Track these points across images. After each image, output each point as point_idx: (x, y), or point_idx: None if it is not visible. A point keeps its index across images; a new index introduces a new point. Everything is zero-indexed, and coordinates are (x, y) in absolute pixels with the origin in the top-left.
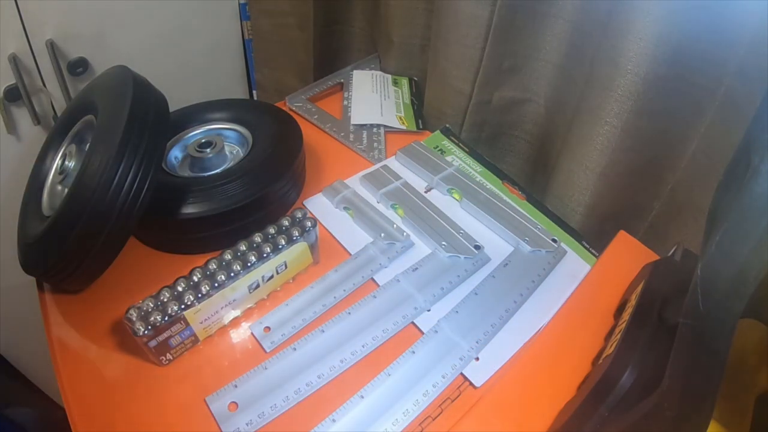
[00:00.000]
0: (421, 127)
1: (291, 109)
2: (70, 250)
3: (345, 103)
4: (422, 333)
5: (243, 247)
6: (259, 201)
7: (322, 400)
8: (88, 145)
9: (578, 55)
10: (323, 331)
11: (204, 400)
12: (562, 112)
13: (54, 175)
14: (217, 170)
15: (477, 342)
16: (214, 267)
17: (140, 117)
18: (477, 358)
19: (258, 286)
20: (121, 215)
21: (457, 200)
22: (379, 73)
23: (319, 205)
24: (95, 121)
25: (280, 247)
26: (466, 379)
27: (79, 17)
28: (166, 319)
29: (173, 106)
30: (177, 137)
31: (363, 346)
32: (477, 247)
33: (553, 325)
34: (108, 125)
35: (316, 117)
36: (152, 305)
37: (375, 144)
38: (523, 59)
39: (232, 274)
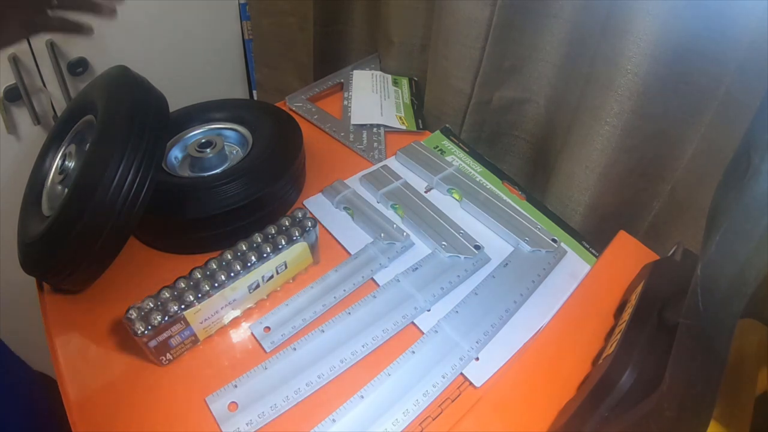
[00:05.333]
0: (421, 127)
1: (291, 109)
2: (70, 250)
3: (345, 103)
4: (422, 333)
5: (243, 247)
6: (259, 201)
7: (322, 400)
8: (88, 145)
9: (578, 55)
10: (323, 331)
11: (204, 400)
12: (562, 112)
13: (54, 175)
14: (217, 170)
15: (477, 342)
16: (214, 267)
17: (140, 117)
18: (477, 358)
19: (258, 286)
20: (121, 215)
21: (457, 200)
22: (379, 73)
23: (319, 205)
24: (95, 121)
25: (280, 247)
26: (466, 379)
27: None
28: (166, 319)
29: (173, 106)
30: (177, 137)
31: (363, 346)
32: (477, 247)
33: (553, 325)
34: (108, 125)
35: (316, 117)
36: (152, 305)
37: (375, 144)
38: (523, 59)
39: (232, 274)
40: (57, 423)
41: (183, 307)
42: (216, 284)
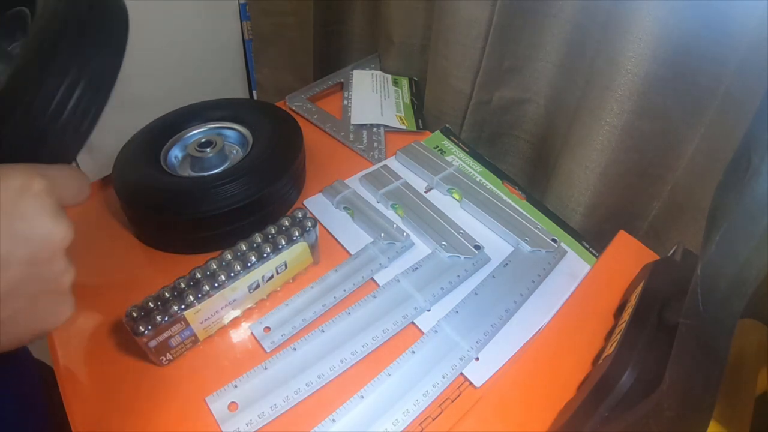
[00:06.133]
0: (421, 127)
1: (291, 109)
2: None
3: (345, 102)
4: (422, 333)
5: (243, 247)
6: (259, 201)
7: (322, 400)
8: (17, 48)
9: (578, 55)
10: (323, 331)
11: (204, 400)
12: (562, 112)
13: None
14: (217, 170)
15: (477, 342)
16: (214, 267)
17: (79, 17)
18: (477, 358)
19: (258, 286)
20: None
21: (457, 200)
22: (379, 73)
23: (319, 205)
24: (28, 16)
25: (280, 247)
26: (466, 379)
27: None
28: (167, 319)
29: (173, 106)
30: (177, 137)
31: (363, 346)
32: (477, 247)
33: (553, 325)
34: (45, 29)
35: (316, 117)
36: (152, 305)
37: (375, 144)
38: (523, 59)
39: (232, 274)
40: (57, 423)
41: (183, 307)
42: (216, 284)
